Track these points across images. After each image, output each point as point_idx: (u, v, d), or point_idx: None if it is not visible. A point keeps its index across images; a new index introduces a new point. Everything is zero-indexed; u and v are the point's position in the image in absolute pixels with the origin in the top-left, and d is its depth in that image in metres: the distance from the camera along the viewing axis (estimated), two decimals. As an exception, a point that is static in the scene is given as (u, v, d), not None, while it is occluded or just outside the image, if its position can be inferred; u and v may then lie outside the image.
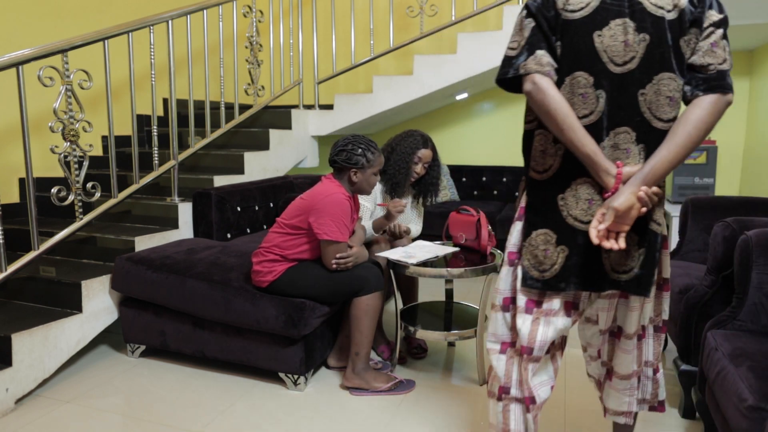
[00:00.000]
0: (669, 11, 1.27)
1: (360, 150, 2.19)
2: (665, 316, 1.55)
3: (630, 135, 1.32)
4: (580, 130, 1.29)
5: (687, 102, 1.30)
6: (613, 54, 1.30)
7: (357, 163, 2.19)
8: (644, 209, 1.27)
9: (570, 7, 1.30)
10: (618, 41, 1.29)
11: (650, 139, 1.31)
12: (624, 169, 1.30)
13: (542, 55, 1.31)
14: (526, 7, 1.36)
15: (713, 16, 1.28)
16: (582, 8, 1.30)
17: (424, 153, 2.58)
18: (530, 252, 1.40)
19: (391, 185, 2.57)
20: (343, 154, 2.19)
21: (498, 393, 1.48)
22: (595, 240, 1.26)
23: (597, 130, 1.32)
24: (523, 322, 1.42)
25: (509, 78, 1.37)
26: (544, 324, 1.41)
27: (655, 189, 1.28)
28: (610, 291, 1.39)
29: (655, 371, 1.57)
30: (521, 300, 1.43)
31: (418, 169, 2.59)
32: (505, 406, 1.48)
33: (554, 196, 1.38)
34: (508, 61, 1.36)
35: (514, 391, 1.46)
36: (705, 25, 1.27)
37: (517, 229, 1.47)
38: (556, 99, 1.29)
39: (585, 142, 1.29)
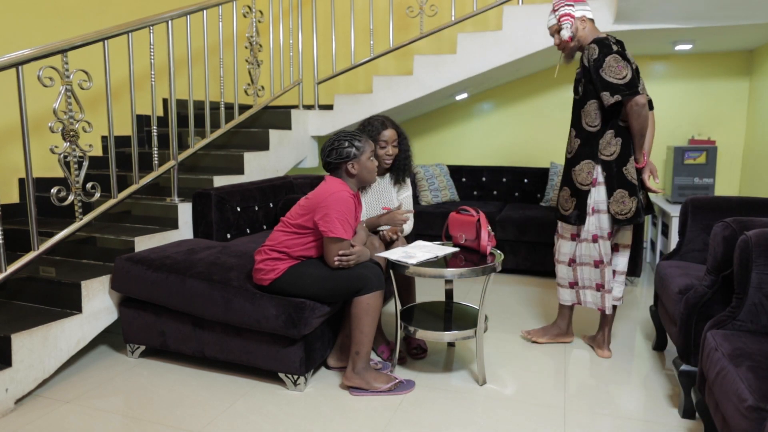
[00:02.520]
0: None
1: (346, 142, 2.23)
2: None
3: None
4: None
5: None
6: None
7: (349, 156, 2.22)
8: None
9: None
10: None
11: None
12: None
13: None
14: (620, 54, 2.28)
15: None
16: None
17: (388, 134, 2.54)
18: (615, 204, 2.39)
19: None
20: (333, 153, 2.23)
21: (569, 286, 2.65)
22: (659, 190, 2.44)
23: None
24: (603, 244, 2.45)
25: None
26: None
27: None
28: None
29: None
30: (604, 232, 2.45)
31: (390, 151, 2.56)
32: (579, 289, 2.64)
33: (620, 168, 2.38)
34: (631, 83, 2.25)
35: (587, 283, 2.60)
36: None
37: (597, 190, 2.42)
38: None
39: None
